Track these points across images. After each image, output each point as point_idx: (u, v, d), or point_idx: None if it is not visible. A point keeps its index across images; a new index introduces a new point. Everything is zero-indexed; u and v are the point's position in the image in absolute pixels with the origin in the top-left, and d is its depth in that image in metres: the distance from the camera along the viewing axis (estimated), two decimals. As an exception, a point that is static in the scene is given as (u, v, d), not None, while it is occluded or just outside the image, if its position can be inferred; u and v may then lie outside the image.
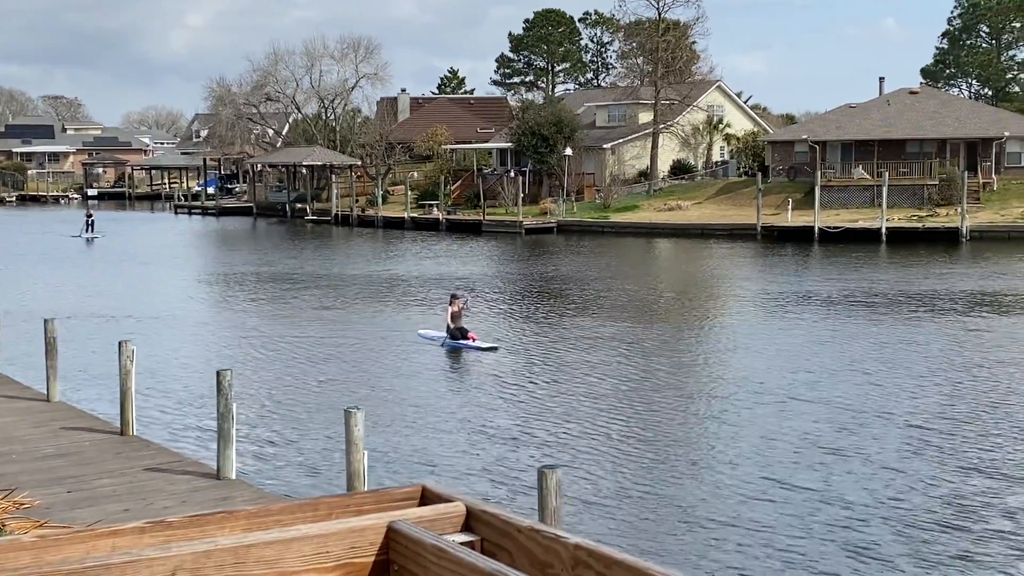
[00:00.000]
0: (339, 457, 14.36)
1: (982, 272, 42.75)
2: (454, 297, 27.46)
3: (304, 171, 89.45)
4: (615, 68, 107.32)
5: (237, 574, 2.46)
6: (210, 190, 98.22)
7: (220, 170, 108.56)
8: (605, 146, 76.55)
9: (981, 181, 63.18)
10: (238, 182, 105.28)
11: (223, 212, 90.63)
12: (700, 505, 14.49)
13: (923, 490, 15.05)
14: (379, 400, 20.78)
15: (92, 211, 67.95)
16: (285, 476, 15.95)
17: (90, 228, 64.34)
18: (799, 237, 57.29)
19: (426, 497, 2.83)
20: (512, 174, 74.96)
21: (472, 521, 2.69)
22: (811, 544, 12.99)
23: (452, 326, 26.59)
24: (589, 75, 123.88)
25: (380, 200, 78.70)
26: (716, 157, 79.91)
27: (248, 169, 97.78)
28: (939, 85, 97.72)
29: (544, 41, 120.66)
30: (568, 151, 72.93)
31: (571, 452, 17.05)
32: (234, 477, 13.21)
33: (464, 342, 26.33)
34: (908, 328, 29.59)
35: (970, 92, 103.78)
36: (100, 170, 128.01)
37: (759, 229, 59.11)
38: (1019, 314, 32.77)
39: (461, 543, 2.58)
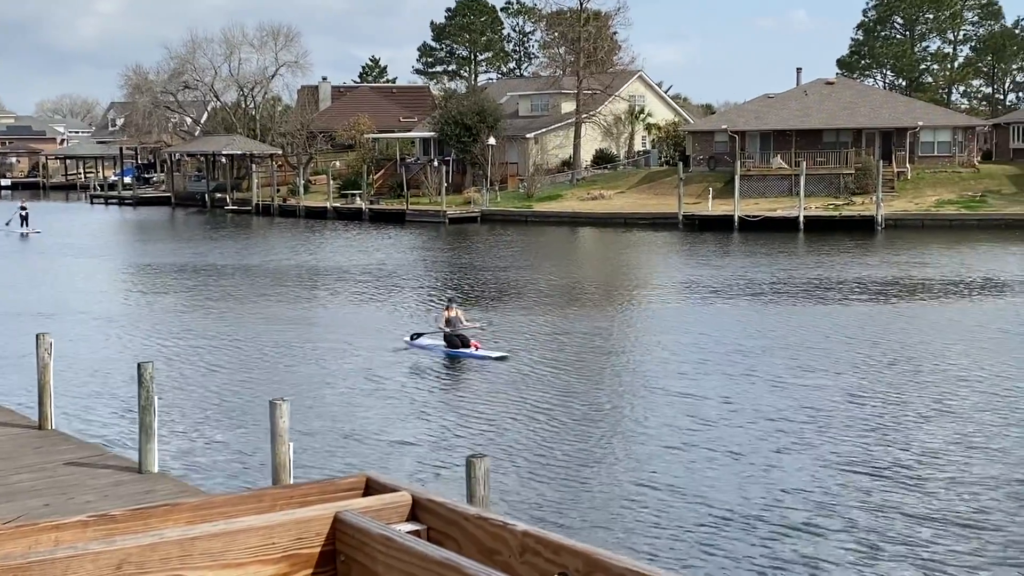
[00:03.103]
0: (265, 449, 14.22)
1: (894, 260, 43.62)
2: (451, 302, 25.68)
3: (224, 160, 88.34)
4: (537, 58, 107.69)
5: (183, 567, 2.44)
6: (127, 180, 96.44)
7: (137, 159, 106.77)
8: (528, 136, 76.66)
9: (896, 170, 64.42)
10: (156, 172, 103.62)
11: (140, 202, 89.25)
12: (611, 488, 14.63)
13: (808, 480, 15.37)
14: (307, 393, 20.61)
15: (25, 204, 65.95)
16: (208, 469, 15.78)
17: (24, 223, 62.27)
18: (719, 226, 57.97)
19: (371, 487, 2.83)
20: (435, 164, 74.75)
21: (418, 510, 2.70)
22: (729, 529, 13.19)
23: (450, 333, 24.42)
24: (512, 64, 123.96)
25: (302, 190, 78.02)
26: (638, 147, 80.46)
27: (166, 158, 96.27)
28: (855, 76, 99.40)
29: (466, 30, 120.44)
30: (491, 140, 72.91)
31: (489, 441, 17.11)
32: (156, 471, 13.04)
33: (465, 351, 24.08)
34: (820, 314, 30.12)
35: (885, 83, 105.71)
36: (13, 160, 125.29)
37: (681, 218, 59.71)
38: (926, 300, 33.51)
39: (408, 532, 2.58)
